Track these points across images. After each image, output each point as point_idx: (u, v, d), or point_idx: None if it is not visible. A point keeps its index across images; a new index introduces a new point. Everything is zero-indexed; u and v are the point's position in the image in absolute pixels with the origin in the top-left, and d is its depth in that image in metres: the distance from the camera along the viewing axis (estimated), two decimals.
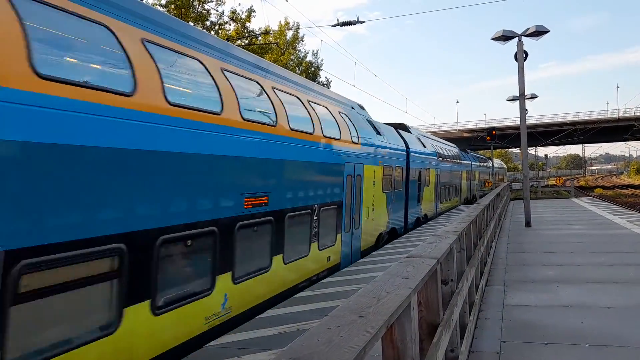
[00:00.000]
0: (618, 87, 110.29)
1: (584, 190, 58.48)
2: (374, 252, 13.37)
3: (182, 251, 5.94)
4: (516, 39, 17.78)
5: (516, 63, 18.19)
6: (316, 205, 9.78)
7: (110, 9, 5.26)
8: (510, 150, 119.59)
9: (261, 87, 8.37)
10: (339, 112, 12.24)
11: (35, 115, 4.01)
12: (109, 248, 4.70)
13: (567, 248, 12.78)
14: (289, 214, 8.52)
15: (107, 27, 5.13)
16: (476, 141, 64.18)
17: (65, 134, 4.31)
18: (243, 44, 32.93)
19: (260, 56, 16.24)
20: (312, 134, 9.73)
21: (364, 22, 22.85)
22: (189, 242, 5.95)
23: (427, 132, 31.75)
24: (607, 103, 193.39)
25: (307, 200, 9.43)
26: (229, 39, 31.80)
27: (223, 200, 6.65)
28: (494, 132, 36.95)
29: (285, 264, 8.44)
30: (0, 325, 3.69)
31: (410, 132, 21.04)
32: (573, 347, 5.72)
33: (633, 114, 66.60)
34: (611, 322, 6.56)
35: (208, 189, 6.34)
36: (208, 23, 34.66)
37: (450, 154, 29.66)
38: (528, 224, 17.91)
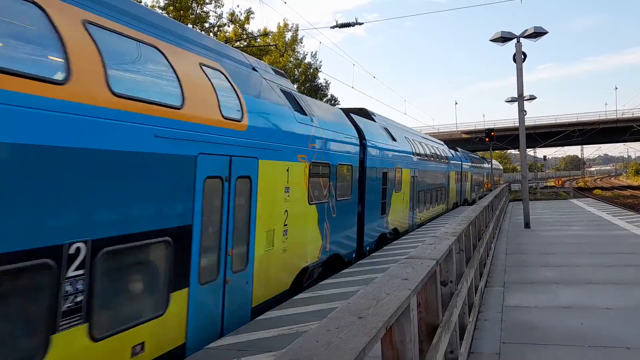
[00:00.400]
0: (616, 88, 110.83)
1: (583, 191, 58.55)
2: (373, 254, 13.24)
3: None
4: (514, 40, 17.81)
5: (515, 64, 18.22)
6: (80, 245, 4.53)
7: None
8: (509, 151, 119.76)
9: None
10: (200, 65, 7.11)
11: None
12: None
13: (567, 249, 12.78)
14: None
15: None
16: (475, 142, 64.26)
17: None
18: (242, 45, 32.94)
19: (259, 58, 15.31)
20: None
21: (362, 23, 22.90)
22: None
23: (413, 128, 26.31)
24: (606, 104, 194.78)
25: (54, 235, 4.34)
26: (228, 40, 31.81)
27: None
28: (492, 133, 37.00)
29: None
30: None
31: (373, 120, 16.37)
32: (572, 348, 5.72)
33: (632, 115, 66.69)
34: (611, 323, 6.56)
35: None
36: (207, 25, 34.67)
37: (433, 152, 24.82)
38: (527, 225, 17.91)
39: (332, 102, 44.53)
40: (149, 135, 5.43)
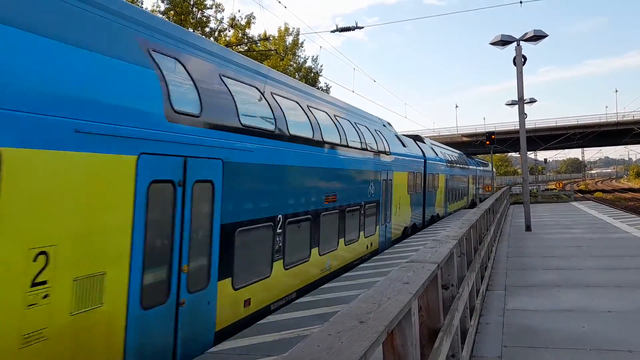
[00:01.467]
0: (617, 91, 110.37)
1: (584, 194, 58.50)
2: (374, 257, 13.38)
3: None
4: (515, 44, 17.83)
5: (515, 67, 18.23)
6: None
7: None
8: (509, 154, 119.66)
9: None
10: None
11: None
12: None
13: (568, 252, 12.76)
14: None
15: None
16: (475, 145, 64.26)
17: None
18: (242, 50, 33.00)
19: (260, 62, 16.39)
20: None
21: (362, 27, 22.91)
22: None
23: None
24: (606, 107, 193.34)
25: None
26: (229, 45, 31.87)
27: None
28: (493, 136, 36.98)
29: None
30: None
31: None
32: (574, 351, 5.71)
33: (632, 118, 66.64)
34: (612, 327, 6.55)
35: None
36: (207, 29, 34.75)
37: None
38: (528, 228, 17.89)
39: None
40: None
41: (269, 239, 8.07)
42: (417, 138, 23.83)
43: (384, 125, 17.50)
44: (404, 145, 18.66)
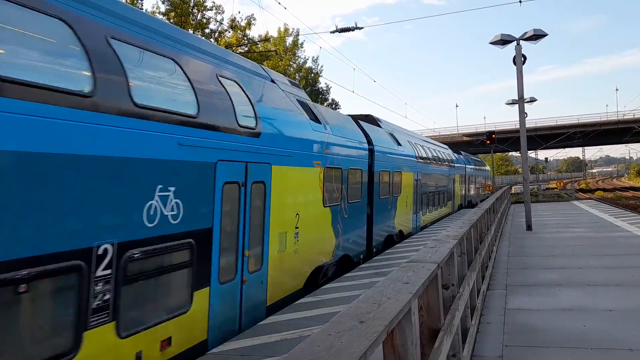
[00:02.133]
0: (617, 89, 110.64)
1: (585, 193, 58.46)
2: (375, 257, 13.27)
3: None
4: (514, 43, 17.84)
5: (515, 67, 18.24)
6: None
7: None
8: (510, 153, 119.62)
9: None
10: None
11: None
12: None
13: (569, 251, 12.77)
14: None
15: None
16: (476, 145, 64.23)
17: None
18: (242, 51, 33.02)
19: (260, 63, 15.33)
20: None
21: (362, 28, 22.93)
22: None
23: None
24: (607, 105, 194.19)
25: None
26: (229, 46, 31.90)
27: None
28: (493, 135, 37.04)
29: None
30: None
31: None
32: (575, 350, 5.72)
33: (633, 117, 66.64)
34: (613, 325, 6.55)
35: None
36: (207, 31, 34.79)
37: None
38: (529, 227, 17.89)
39: (333, 106, 44.60)
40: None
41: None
42: (367, 119, 16.17)
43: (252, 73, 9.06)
44: (314, 120, 10.41)
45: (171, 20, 31.02)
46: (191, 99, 6.37)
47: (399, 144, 17.72)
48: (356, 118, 14.74)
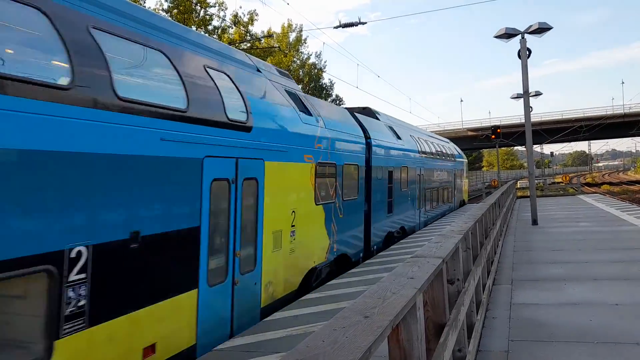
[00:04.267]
0: (623, 82, 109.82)
1: (591, 187, 58.20)
2: (380, 253, 13.27)
3: None
4: (519, 37, 17.73)
5: (520, 60, 18.14)
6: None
7: None
8: (515, 148, 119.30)
9: None
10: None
11: None
12: None
13: (575, 245, 12.72)
14: None
15: None
16: (481, 140, 64.01)
17: None
18: (245, 47, 33.00)
19: (263, 59, 15.13)
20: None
21: (365, 23, 22.85)
22: None
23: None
24: (613, 99, 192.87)
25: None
26: (232, 42, 31.88)
27: None
28: (498, 130, 36.89)
29: None
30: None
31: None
32: (581, 344, 5.70)
33: (639, 110, 66.20)
34: (620, 319, 6.53)
35: None
36: (210, 27, 34.79)
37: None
38: (535, 222, 17.83)
39: (337, 102, 44.55)
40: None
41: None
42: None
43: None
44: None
45: (174, 18, 31.02)
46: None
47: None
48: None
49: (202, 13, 34.20)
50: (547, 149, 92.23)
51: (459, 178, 29.60)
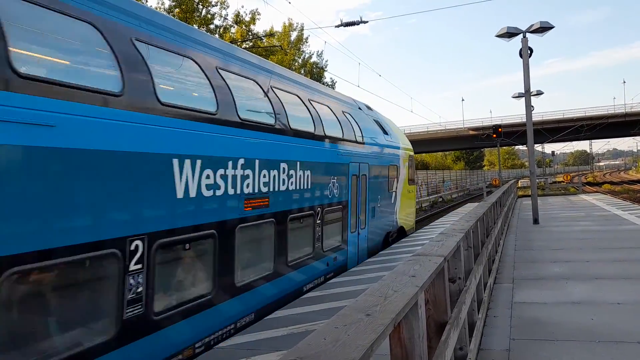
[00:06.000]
0: (624, 82, 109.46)
1: (592, 186, 58.13)
2: (381, 252, 13.34)
3: None
4: (520, 36, 17.70)
5: (521, 60, 18.11)
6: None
7: None
8: (517, 147, 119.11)
9: None
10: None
11: None
12: None
13: (576, 244, 12.71)
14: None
15: None
16: (482, 139, 63.95)
17: None
18: (247, 46, 33.00)
19: (265, 58, 15.49)
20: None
21: (367, 22, 22.85)
22: None
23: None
24: (614, 98, 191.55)
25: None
26: (233, 41, 31.89)
27: None
28: (500, 129, 36.89)
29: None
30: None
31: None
32: (583, 343, 5.69)
33: None
34: (621, 318, 6.52)
35: None
36: (212, 26, 34.78)
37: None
38: (536, 221, 17.82)
39: None
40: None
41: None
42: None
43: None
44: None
45: (176, 17, 31.02)
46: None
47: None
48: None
49: (204, 12, 34.20)
50: (549, 148, 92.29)
51: (389, 183, 14.85)
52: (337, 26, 22.82)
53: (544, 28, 17.19)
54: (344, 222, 11.12)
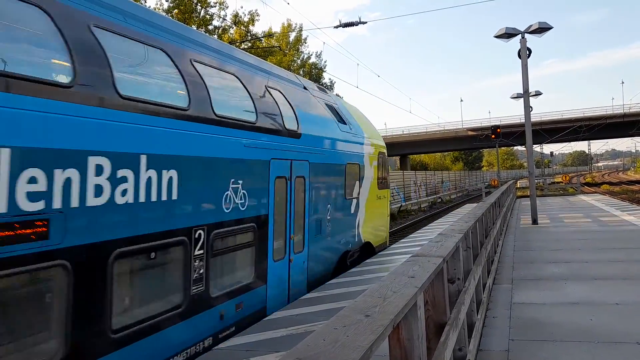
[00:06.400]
0: (623, 82, 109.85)
1: (591, 187, 58.19)
2: (381, 252, 13.30)
3: None
4: (519, 36, 17.72)
5: (520, 60, 18.13)
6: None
7: None
8: (515, 147, 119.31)
9: None
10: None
11: None
12: None
13: (575, 245, 12.71)
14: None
15: None
16: (481, 139, 63.96)
17: None
18: (246, 47, 33.00)
19: (264, 59, 15.16)
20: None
21: (366, 22, 22.85)
22: None
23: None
24: (613, 99, 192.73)
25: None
26: (232, 42, 31.88)
27: None
28: (498, 130, 36.92)
29: None
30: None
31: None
32: (582, 344, 5.70)
33: (639, 110, 66.12)
34: (620, 319, 6.52)
35: None
36: (211, 27, 34.78)
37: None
38: (535, 221, 17.83)
39: None
40: None
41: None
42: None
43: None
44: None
45: (175, 17, 31.01)
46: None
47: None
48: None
49: (202, 13, 34.20)
50: (547, 148, 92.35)
51: (346, 188, 11.59)
52: (336, 27, 22.83)
53: (542, 28, 17.21)
54: (261, 247, 7.63)
